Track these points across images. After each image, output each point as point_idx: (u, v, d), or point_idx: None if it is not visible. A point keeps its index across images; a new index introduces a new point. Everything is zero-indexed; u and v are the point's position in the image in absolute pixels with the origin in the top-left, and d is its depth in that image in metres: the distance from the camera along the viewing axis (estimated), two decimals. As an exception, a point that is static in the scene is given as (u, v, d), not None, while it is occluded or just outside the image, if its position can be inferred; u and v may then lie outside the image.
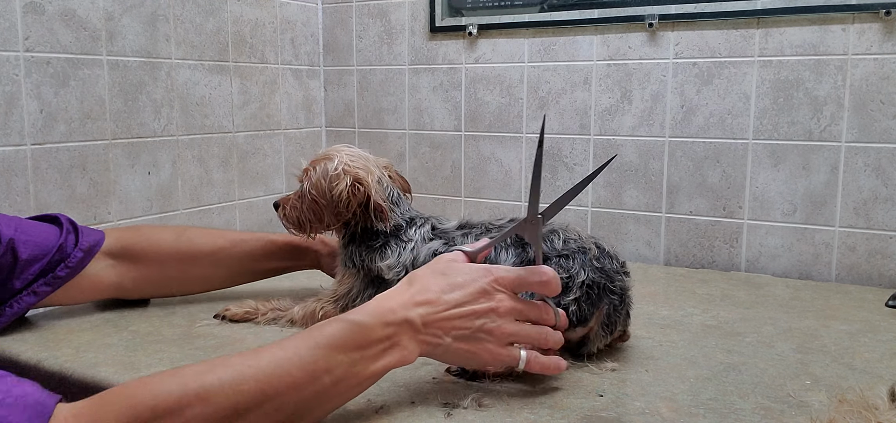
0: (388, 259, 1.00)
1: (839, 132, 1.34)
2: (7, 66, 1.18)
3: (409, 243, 1.00)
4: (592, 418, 0.76)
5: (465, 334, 0.76)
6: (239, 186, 1.63)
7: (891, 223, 1.32)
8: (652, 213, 1.51)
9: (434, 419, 0.76)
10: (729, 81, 1.41)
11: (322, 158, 1.04)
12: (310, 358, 0.68)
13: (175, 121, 1.47)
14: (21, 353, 0.97)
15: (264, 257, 1.17)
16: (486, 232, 0.98)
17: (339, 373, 0.69)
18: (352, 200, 1.00)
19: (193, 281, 1.16)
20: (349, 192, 1.00)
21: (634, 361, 0.93)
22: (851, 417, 0.74)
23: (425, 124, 1.74)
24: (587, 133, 1.55)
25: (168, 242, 1.12)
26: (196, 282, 1.16)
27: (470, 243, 0.89)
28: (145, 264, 1.10)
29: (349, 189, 1.00)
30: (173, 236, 1.13)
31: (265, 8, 1.66)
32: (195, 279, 1.15)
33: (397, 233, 1.02)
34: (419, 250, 1.00)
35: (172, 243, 1.12)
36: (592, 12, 1.51)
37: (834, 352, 0.96)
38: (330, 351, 0.69)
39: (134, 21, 1.37)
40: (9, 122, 1.18)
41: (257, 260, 1.17)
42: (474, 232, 0.99)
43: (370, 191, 1.00)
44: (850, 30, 1.31)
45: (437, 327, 0.75)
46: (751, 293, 1.26)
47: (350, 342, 0.70)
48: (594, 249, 0.91)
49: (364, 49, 1.80)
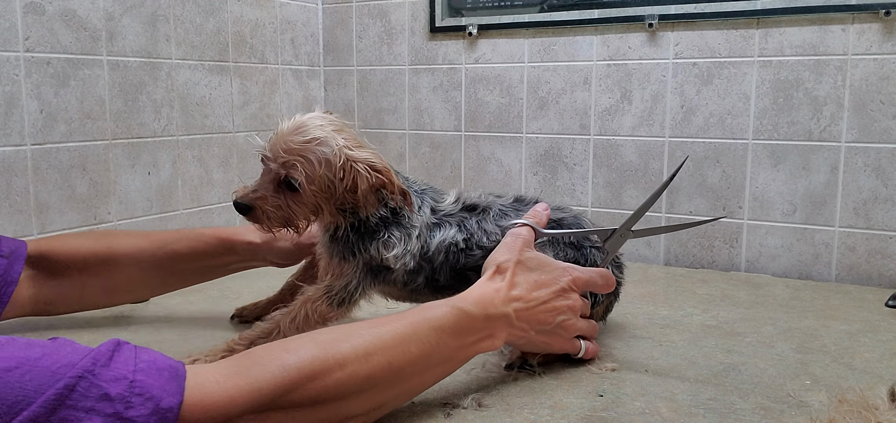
0: (394, 249, 0.91)
1: (839, 132, 1.34)
2: (7, 66, 1.18)
3: (413, 231, 0.92)
4: (592, 418, 0.76)
5: (546, 329, 0.83)
6: (239, 186, 1.63)
7: (891, 223, 1.32)
8: (652, 213, 1.51)
9: (434, 419, 0.76)
10: (729, 81, 1.41)
11: (307, 142, 0.87)
12: (425, 338, 0.71)
13: (175, 121, 1.47)
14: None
15: (193, 257, 1.05)
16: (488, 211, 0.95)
17: (444, 355, 0.74)
18: (368, 190, 0.89)
19: (119, 289, 1.05)
20: (367, 182, 0.88)
21: (634, 361, 0.93)
22: (851, 417, 0.74)
23: (425, 124, 1.74)
24: (587, 133, 1.55)
25: (87, 247, 1.02)
26: (122, 290, 1.06)
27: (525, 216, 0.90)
28: (64, 274, 1.00)
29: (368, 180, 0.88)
30: (92, 240, 1.04)
31: (265, 8, 1.66)
32: (120, 287, 1.05)
33: (398, 217, 0.92)
34: (427, 239, 0.92)
35: (91, 248, 1.02)
36: (592, 12, 1.51)
37: (834, 352, 0.96)
38: (441, 334, 0.72)
39: (134, 21, 1.37)
40: (9, 122, 1.18)
41: (186, 260, 1.05)
42: (479, 212, 0.95)
43: (392, 177, 0.90)
44: (849, 30, 1.31)
45: (526, 321, 0.81)
46: (751, 293, 1.26)
47: (458, 328, 0.74)
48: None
49: (364, 49, 1.80)
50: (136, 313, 1.14)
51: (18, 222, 1.20)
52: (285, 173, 0.88)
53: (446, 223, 0.94)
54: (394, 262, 0.91)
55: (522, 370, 0.88)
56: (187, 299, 1.21)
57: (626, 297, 1.22)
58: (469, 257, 0.93)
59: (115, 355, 0.55)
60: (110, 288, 1.04)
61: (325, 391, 0.63)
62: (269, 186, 0.89)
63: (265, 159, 0.90)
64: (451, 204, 0.97)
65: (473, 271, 0.92)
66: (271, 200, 0.89)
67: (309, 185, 0.87)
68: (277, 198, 0.89)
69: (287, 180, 0.88)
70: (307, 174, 0.87)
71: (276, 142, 0.88)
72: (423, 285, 0.94)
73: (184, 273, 1.07)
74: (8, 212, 1.19)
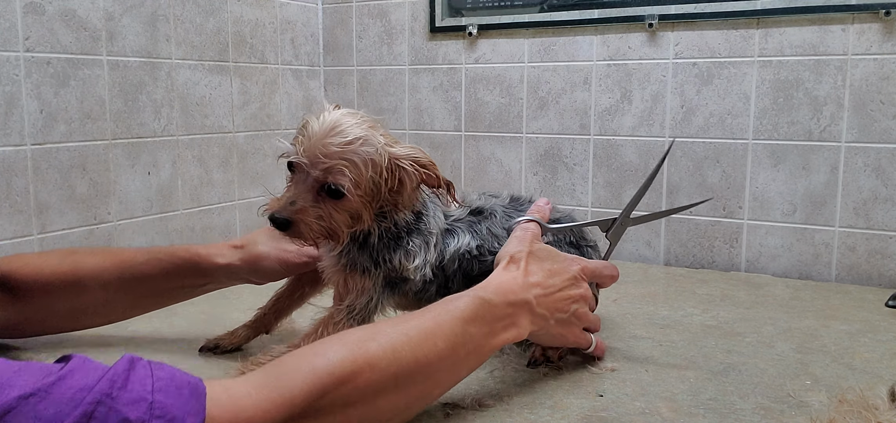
0: (416, 259, 0.86)
1: (839, 132, 1.34)
2: (7, 66, 1.18)
3: (430, 238, 0.88)
4: (592, 418, 0.76)
5: (563, 318, 0.84)
6: (239, 187, 1.63)
7: (891, 223, 1.32)
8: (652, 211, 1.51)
9: (434, 419, 0.76)
10: (729, 81, 1.41)
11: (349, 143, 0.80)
12: (450, 330, 0.71)
13: (175, 121, 1.47)
14: (21, 353, 0.97)
15: (163, 278, 0.96)
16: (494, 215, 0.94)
17: (471, 346, 0.73)
18: (414, 188, 0.84)
19: (86, 312, 0.98)
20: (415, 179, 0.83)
21: (634, 361, 0.93)
22: (851, 417, 0.74)
23: (425, 124, 1.74)
24: (587, 133, 1.55)
25: (51, 267, 0.93)
26: (89, 313, 0.98)
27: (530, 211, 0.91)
28: (28, 296, 0.93)
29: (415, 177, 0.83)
30: (57, 260, 0.95)
31: (265, 8, 1.66)
32: (87, 310, 0.97)
33: (418, 223, 0.88)
34: (442, 246, 0.89)
35: (55, 269, 0.93)
36: (592, 12, 1.51)
37: (834, 352, 0.96)
38: (465, 324, 0.72)
39: (134, 21, 1.37)
40: (9, 122, 1.18)
41: (155, 281, 0.96)
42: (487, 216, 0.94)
43: (438, 171, 0.84)
44: (849, 30, 1.31)
45: (546, 308, 0.81)
46: (751, 293, 1.26)
47: (481, 317, 0.74)
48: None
49: (364, 49, 1.80)
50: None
51: (18, 222, 1.20)
52: (330, 180, 0.79)
53: (458, 229, 0.91)
54: (414, 273, 0.86)
55: (547, 366, 0.89)
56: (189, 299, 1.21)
57: (626, 297, 1.22)
58: (481, 264, 0.91)
59: (131, 374, 0.53)
60: (76, 311, 0.96)
61: (357, 392, 0.62)
62: (308, 196, 0.80)
63: (299, 166, 0.81)
64: (459, 209, 0.94)
65: (484, 276, 0.91)
66: (313, 211, 0.80)
67: (356, 190, 0.79)
68: (319, 208, 0.80)
69: (329, 187, 0.79)
70: (354, 179, 0.79)
71: (312, 146, 0.79)
72: (435, 293, 0.91)
73: (154, 295, 0.99)
74: (8, 212, 1.19)
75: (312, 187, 0.80)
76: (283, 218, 0.80)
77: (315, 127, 0.80)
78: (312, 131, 0.80)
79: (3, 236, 1.18)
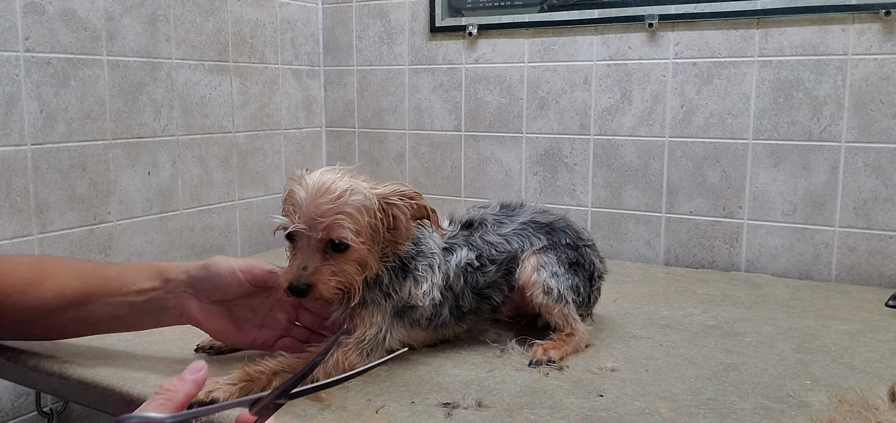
0: (424, 285, 0.89)
1: (839, 132, 1.34)
2: (7, 66, 1.18)
3: (433, 260, 0.90)
4: (592, 418, 0.76)
5: None
6: (239, 187, 1.63)
7: (891, 223, 1.32)
8: (652, 213, 1.51)
9: (434, 419, 0.76)
10: (729, 81, 1.41)
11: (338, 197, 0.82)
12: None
13: (175, 121, 1.47)
14: (21, 353, 0.97)
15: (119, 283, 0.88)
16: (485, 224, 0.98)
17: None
18: (408, 221, 0.86)
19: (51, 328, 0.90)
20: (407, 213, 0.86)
21: (634, 361, 0.93)
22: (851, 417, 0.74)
23: (425, 124, 1.74)
24: (587, 133, 1.55)
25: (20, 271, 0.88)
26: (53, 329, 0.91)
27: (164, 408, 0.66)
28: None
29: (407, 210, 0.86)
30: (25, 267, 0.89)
31: (265, 8, 1.66)
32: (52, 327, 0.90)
33: (419, 247, 0.90)
34: (444, 264, 0.91)
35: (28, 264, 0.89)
36: (592, 12, 1.51)
37: (834, 352, 0.96)
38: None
39: (134, 21, 1.37)
40: (9, 122, 1.18)
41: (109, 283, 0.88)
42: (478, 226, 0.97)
43: (423, 199, 0.88)
44: (850, 30, 1.31)
45: None
46: (751, 293, 1.26)
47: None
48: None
49: (364, 49, 1.80)
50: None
51: (18, 222, 1.20)
52: (332, 236, 0.81)
53: (455, 245, 0.94)
54: (424, 299, 0.88)
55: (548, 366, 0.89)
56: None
57: (626, 297, 1.22)
58: (485, 275, 0.95)
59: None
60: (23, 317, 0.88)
61: None
62: (317, 257, 0.82)
63: (299, 234, 0.83)
64: (450, 227, 0.97)
65: (491, 287, 0.96)
66: (326, 269, 0.82)
67: (358, 238, 0.82)
68: (330, 265, 0.82)
69: (332, 244, 0.82)
70: (354, 229, 0.81)
71: (306, 211, 0.81)
72: (448, 316, 0.93)
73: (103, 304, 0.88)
74: (8, 212, 1.19)
75: (318, 248, 0.82)
76: (302, 285, 0.81)
77: (302, 193, 0.82)
78: (301, 198, 0.82)
79: (3, 235, 1.18)
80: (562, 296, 0.94)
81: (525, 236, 0.98)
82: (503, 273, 0.97)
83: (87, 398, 0.89)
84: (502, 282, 0.97)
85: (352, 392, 0.82)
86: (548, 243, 0.98)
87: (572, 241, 1.00)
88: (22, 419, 1.23)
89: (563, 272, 0.96)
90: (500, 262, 0.96)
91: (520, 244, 0.97)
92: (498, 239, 0.96)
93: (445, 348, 0.96)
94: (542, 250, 0.97)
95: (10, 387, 1.19)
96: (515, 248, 0.97)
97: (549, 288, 0.94)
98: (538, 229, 1.00)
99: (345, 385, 0.83)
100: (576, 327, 0.95)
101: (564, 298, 0.95)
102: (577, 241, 1.01)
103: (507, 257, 0.97)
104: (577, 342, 0.95)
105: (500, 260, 0.96)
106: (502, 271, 0.96)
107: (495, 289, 0.96)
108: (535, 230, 0.99)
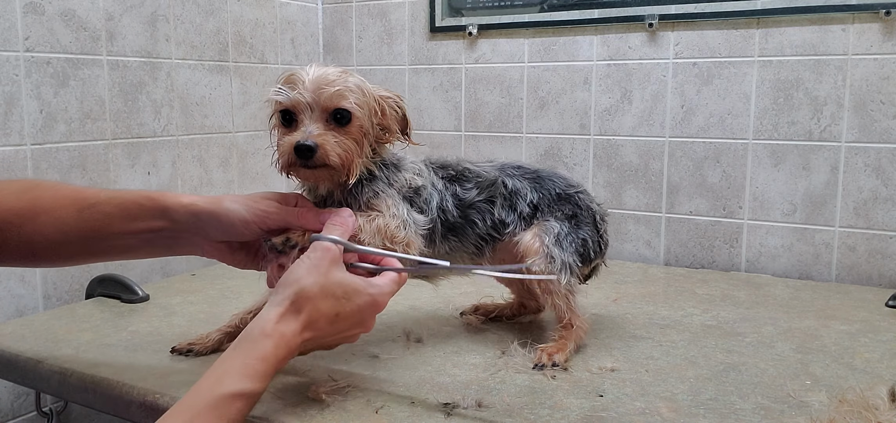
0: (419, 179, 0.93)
1: (839, 132, 1.34)
2: (7, 66, 1.18)
3: (418, 162, 0.95)
4: (592, 418, 0.76)
5: (330, 344, 0.79)
6: (239, 186, 1.63)
7: (891, 223, 1.32)
8: (652, 213, 1.51)
9: (434, 419, 0.76)
10: (729, 81, 1.41)
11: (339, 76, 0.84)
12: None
13: (175, 121, 1.47)
14: (21, 353, 0.97)
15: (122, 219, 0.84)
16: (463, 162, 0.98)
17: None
18: (393, 124, 0.90)
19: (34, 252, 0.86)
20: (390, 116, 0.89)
21: (634, 361, 0.93)
22: (851, 417, 0.74)
23: (425, 124, 1.74)
24: (587, 133, 1.55)
25: (8, 202, 0.85)
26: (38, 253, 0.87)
27: (332, 226, 0.80)
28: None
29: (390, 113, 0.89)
30: (15, 195, 0.86)
31: (265, 8, 1.66)
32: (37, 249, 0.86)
33: (403, 157, 0.95)
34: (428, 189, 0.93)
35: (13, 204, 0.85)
36: (592, 12, 1.51)
37: (834, 352, 0.96)
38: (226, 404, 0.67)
39: (134, 21, 1.37)
40: (9, 122, 1.18)
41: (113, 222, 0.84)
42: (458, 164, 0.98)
43: (405, 110, 0.92)
44: (850, 30, 1.31)
45: (310, 348, 0.77)
46: (751, 293, 1.26)
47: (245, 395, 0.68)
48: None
49: (364, 49, 1.80)
50: (137, 310, 1.14)
51: (18, 222, 1.20)
52: (336, 105, 0.83)
53: (426, 163, 0.97)
54: (419, 179, 0.91)
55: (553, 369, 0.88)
56: (187, 298, 1.21)
57: (626, 297, 1.22)
58: (466, 191, 0.95)
59: None
60: (29, 248, 0.86)
61: None
62: (321, 125, 0.83)
63: (300, 106, 0.83)
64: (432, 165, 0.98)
65: (474, 209, 0.95)
66: (331, 137, 0.82)
67: (360, 113, 0.84)
68: (336, 135, 0.83)
69: (336, 116, 0.83)
70: (357, 104, 0.84)
71: (311, 83, 0.83)
72: (438, 222, 0.92)
73: (111, 238, 0.85)
74: (8, 212, 1.18)
75: (321, 118, 0.83)
76: (307, 145, 0.80)
77: (307, 77, 0.84)
78: (307, 81, 0.83)
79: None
80: (565, 265, 0.92)
81: (508, 175, 0.97)
82: (486, 199, 0.95)
83: (87, 398, 0.89)
84: (484, 210, 0.95)
85: (352, 392, 0.82)
86: (537, 196, 0.96)
87: (563, 190, 0.98)
88: (22, 419, 1.23)
89: (566, 233, 0.94)
90: (483, 186, 0.95)
91: (501, 178, 0.96)
92: (476, 168, 0.97)
93: (446, 348, 0.96)
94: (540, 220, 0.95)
95: (10, 387, 1.19)
96: (496, 177, 0.96)
97: (552, 258, 0.92)
98: (523, 174, 0.98)
99: (344, 386, 0.83)
100: (575, 313, 0.93)
101: (569, 268, 0.92)
102: (568, 189, 0.98)
103: (488, 182, 0.95)
104: (577, 335, 0.93)
105: (483, 184, 0.95)
106: (485, 196, 0.95)
107: (477, 214, 0.94)
108: (520, 174, 0.98)
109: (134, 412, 0.84)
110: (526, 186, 0.97)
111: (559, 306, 0.93)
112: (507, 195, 0.96)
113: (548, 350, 0.90)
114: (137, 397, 0.84)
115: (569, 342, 0.92)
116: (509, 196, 0.96)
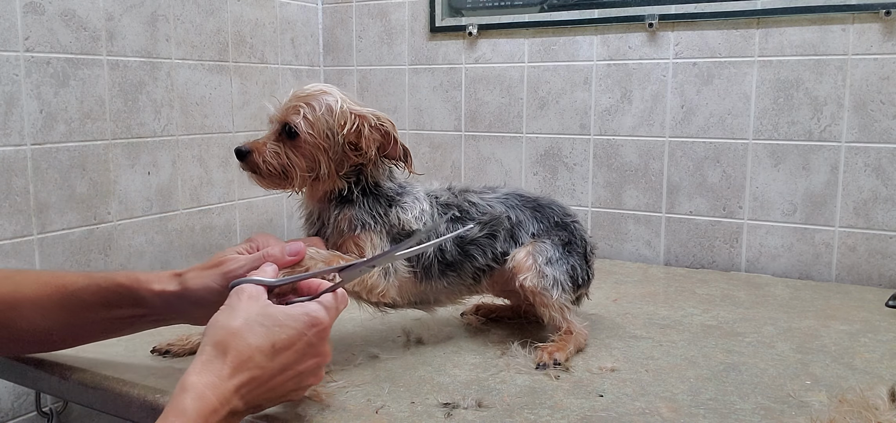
0: (411, 213, 0.92)
1: (839, 132, 1.34)
2: (7, 66, 1.18)
3: (418, 195, 0.94)
4: (592, 418, 0.76)
5: (289, 389, 0.72)
6: (239, 187, 1.63)
7: (891, 223, 1.32)
8: (652, 213, 1.51)
9: (434, 419, 0.76)
10: (729, 81, 1.41)
11: (311, 93, 0.89)
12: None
13: (175, 121, 1.46)
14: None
15: (99, 307, 0.84)
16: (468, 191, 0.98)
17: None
18: (368, 144, 0.89)
19: (20, 339, 0.86)
20: (367, 135, 0.89)
21: (634, 361, 0.93)
22: (851, 417, 0.74)
23: (425, 124, 1.74)
24: (587, 133, 1.55)
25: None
26: (24, 340, 0.87)
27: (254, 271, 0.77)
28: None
29: (367, 132, 0.89)
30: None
31: (265, 8, 1.66)
32: (22, 336, 0.86)
33: (403, 188, 0.94)
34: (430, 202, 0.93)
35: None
36: (592, 12, 1.51)
37: (834, 352, 0.96)
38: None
39: (134, 21, 1.37)
40: (9, 122, 1.18)
41: (91, 310, 0.84)
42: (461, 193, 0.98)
43: (395, 133, 0.90)
44: (850, 30, 1.31)
45: (261, 398, 0.70)
46: (751, 293, 1.26)
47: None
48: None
49: (364, 49, 1.80)
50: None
51: (18, 222, 1.20)
52: (285, 119, 0.88)
53: (439, 196, 0.96)
54: (416, 223, 0.91)
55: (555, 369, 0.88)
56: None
57: (626, 297, 1.22)
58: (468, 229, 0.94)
59: None
60: (12, 337, 0.86)
61: None
62: (271, 136, 0.90)
63: (271, 118, 0.91)
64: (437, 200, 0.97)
65: (474, 245, 0.95)
66: (270, 147, 0.89)
67: (308, 129, 0.87)
68: (276, 146, 0.89)
69: (288, 129, 0.88)
70: (307, 119, 0.87)
71: (284, 100, 0.90)
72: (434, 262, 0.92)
73: (92, 324, 0.86)
74: (8, 212, 1.19)
75: (274, 132, 0.90)
76: (241, 148, 0.90)
77: (294, 90, 0.91)
78: (292, 91, 0.91)
79: (3, 236, 1.18)
80: (557, 282, 0.93)
81: (510, 207, 0.97)
82: (487, 235, 0.95)
83: (87, 398, 0.89)
84: (486, 244, 0.95)
85: (352, 392, 0.82)
86: (538, 226, 0.97)
87: (560, 219, 0.99)
88: (22, 419, 1.23)
89: (557, 257, 0.95)
90: (484, 222, 0.95)
91: (504, 211, 0.97)
92: (481, 202, 0.97)
93: (446, 348, 0.96)
94: (535, 239, 0.96)
95: (10, 387, 1.19)
96: (499, 212, 0.96)
97: (544, 275, 0.93)
98: (524, 203, 0.99)
99: (344, 386, 0.83)
100: (572, 322, 0.94)
101: (561, 285, 0.93)
102: (565, 218, 1.00)
103: (490, 220, 0.96)
104: (577, 339, 0.94)
105: (484, 220, 0.95)
106: (486, 232, 0.95)
107: (478, 249, 0.95)
108: (521, 204, 0.98)
109: (134, 412, 0.84)
110: (527, 216, 0.98)
111: (555, 318, 0.93)
112: (510, 228, 0.97)
113: (549, 349, 0.91)
114: (137, 397, 0.84)
115: (569, 342, 0.92)
116: (512, 228, 0.97)
